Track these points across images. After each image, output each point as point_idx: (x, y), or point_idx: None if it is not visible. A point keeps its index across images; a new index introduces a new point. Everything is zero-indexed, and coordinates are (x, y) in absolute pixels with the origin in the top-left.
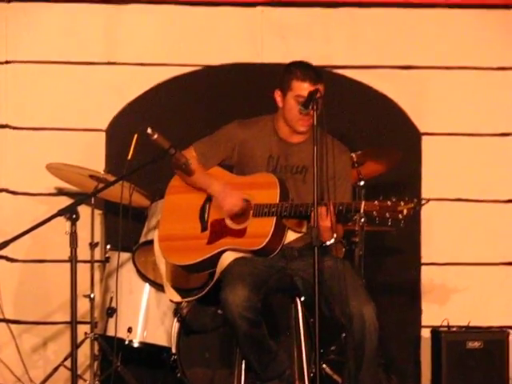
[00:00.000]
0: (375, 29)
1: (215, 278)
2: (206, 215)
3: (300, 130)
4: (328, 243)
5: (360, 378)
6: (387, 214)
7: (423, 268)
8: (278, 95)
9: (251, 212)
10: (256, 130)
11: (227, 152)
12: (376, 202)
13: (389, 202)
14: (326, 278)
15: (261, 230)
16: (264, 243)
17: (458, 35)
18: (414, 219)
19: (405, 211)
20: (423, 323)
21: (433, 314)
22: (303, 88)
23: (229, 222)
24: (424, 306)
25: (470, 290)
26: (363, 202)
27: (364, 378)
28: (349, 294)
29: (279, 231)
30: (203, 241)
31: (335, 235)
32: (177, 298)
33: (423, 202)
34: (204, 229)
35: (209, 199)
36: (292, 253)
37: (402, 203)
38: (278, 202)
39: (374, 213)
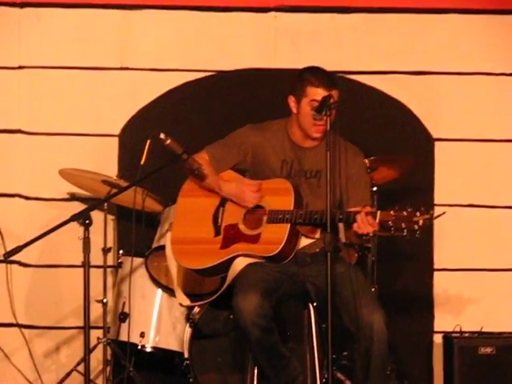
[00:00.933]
0: (388, 34)
1: (226, 284)
2: (220, 220)
3: (314, 136)
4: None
5: None
6: (403, 225)
7: (436, 274)
8: (291, 101)
9: (265, 218)
10: (269, 134)
11: (240, 156)
12: (392, 211)
13: (405, 213)
14: (337, 285)
15: (275, 236)
16: (278, 250)
17: (471, 41)
18: (426, 228)
19: (420, 222)
20: (435, 329)
21: (445, 319)
22: (318, 93)
23: (242, 228)
24: (436, 311)
25: (483, 296)
26: (379, 212)
27: None
28: (358, 301)
29: (293, 238)
30: (216, 245)
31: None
32: (186, 301)
33: (439, 213)
34: (217, 233)
35: (222, 204)
36: (305, 258)
37: (418, 214)
38: (292, 208)
39: (390, 223)
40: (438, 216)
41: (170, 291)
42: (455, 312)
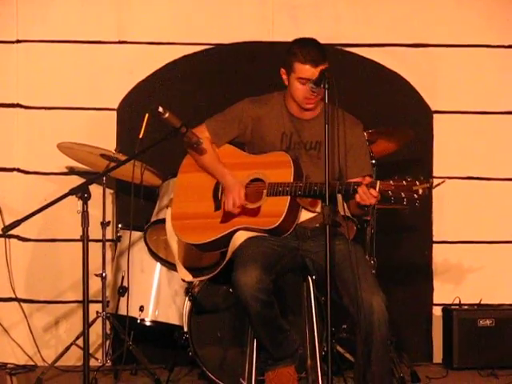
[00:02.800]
0: (385, 7)
1: (227, 258)
2: (220, 194)
3: (307, 107)
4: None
5: (369, 373)
6: (402, 194)
7: (435, 246)
8: (283, 73)
9: (265, 191)
10: (268, 107)
11: (240, 130)
12: (391, 181)
13: (404, 182)
14: (337, 263)
15: (275, 209)
16: (278, 222)
17: (470, 13)
18: (426, 197)
19: (420, 191)
20: (435, 301)
21: (444, 292)
22: (305, 70)
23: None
24: (435, 284)
25: (482, 268)
26: (378, 182)
27: (374, 375)
28: (359, 284)
29: (293, 210)
30: (216, 220)
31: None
32: (188, 277)
33: (439, 181)
34: (217, 208)
35: None
36: (305, 233)
37: (418, 183)
38: (292, 181)
39: (390, 192)
40: (438, 185)
41: (169, 265)
42: (454, 284)
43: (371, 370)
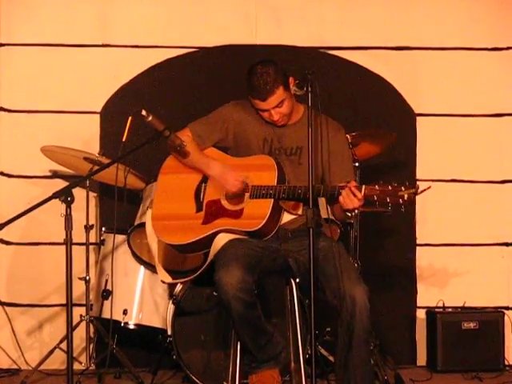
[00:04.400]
0: (369, 10)
1: (208, 260)
2: (202, 195)
3: (278, 125)
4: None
5: (350, 360)
6: (388, 199)
7: (418, 249)
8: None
9: (248, 194)
10: (251, 111)
11: (223, 133)
12: (376, 186)
13: (390, 187)
14: (319, 260)
15: (258, 211)
16: (261, 225)
17: (452, 16)
18: (411, 203)
19: (406, 196)
20: (418, 304)
21: (428, 294)
22: (257, 103)
23: (225, 203)
24: (419, 286)
25: (465, 271)
26: (364, 186)
27: (354, 360)
28: (341, 275)
29: (276, 213)
30: (198, 221)
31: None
32: (168, 278)
33: (425, 188)
34: (199, 209)
35: (204, 180)
36: (286, 234)
37: (403, 188)
38: (275, 184)
39: (375, 197)
40: (424, 190)
41: (152, 268)
42: (438, 287)
43: (352, 360)
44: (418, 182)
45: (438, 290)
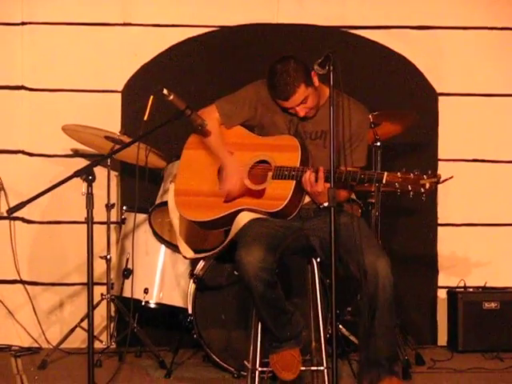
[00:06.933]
0: None
1: (229, 238)
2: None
3: (301, 116)
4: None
5: (374, 328)
6: (409, 187)
7: (440, 229)
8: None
9: (270, 173)
10: None
11: (251, 112)
12: (399, 173)
13: (412, 175)
14: (341, 235)
15: (280, 192)
16: (282, 206)
17: None
18: (432, 192)
19: (427, 185)
20: (439, 284)
21: (449, 274)
22: (280, 103)
23: (247, 182)
24: (440, 267)
25: (487, 251)
26: (385, 173)
27: (378, 329)
28: (363, 249)
29: (298, 194)
30: (220, 198)
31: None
32: (190, 253)
33: (447, 177)
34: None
35: None
36: (308, 213)
37: (425, 177)
38: (298, 165)
39: (396, 184)
40: (446, 180)
41: (173, 247)
42: (459, 267)
43: (377, 328)
44: (439, 162)
45: (460, 270)
